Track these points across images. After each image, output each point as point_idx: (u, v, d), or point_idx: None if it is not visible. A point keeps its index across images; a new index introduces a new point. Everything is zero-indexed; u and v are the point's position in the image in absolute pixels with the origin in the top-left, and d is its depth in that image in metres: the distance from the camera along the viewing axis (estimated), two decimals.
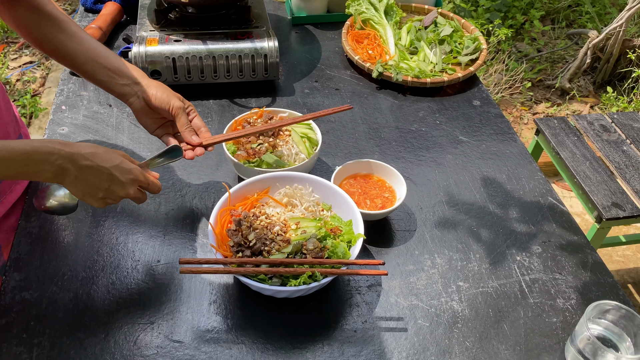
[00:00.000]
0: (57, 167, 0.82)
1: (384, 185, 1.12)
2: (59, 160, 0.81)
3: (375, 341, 0.90)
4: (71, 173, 0.83)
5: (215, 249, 0.89)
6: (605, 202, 1.72)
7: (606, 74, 3.10)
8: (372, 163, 1.12)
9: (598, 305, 0.87)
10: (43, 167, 0.81)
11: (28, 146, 0.80)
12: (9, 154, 0.78)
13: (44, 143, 0.82)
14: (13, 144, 0.80)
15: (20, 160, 0.79)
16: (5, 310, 0.89)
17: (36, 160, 0.80)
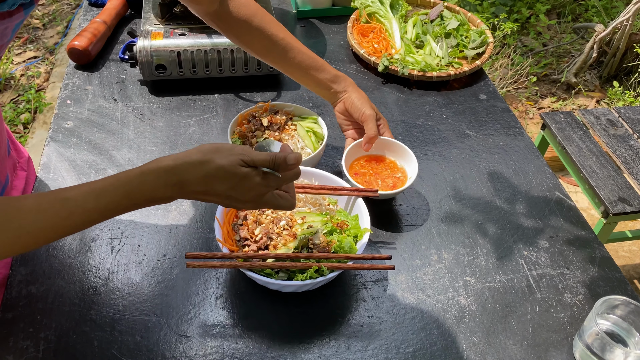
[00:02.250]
0: (170, 197, 0.70)
1: (395, 166, 1.12)
2: (168, 193, 0.69)
3: (382, 336, 0.90)
4: (190, 196, 0.72)
5: (221, 244, 0.89)
6: (612, 197, 1.71)
7: (612, 68, 3.08)
8: (383, 141, 1.12)
9: (607, 300, 0.86)
10: (157, 196, 0.69)
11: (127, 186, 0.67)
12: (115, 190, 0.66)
13: (142, 178, 0.68)
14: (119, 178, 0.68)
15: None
16: (12, 305, 0.89)
17: (147, 196, 0.68)
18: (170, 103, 1.31)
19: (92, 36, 1.38)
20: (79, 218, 0.65)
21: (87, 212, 0.65)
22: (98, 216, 0.66)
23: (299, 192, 0.97)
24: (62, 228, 0.65)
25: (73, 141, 1.18)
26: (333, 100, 1.12)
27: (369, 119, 1.08)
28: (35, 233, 0.63)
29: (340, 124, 1.15)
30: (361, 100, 1.09)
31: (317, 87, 1.11)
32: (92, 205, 0.65)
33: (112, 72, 1.38)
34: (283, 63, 1.09)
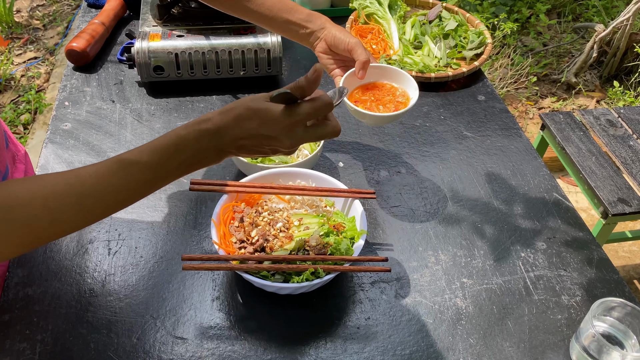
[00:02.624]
0: (214, 157, 0.70)
1: (395, 91, 1.08)
2: (211, 143, 0.68)
3: (379, 338, 0.90)
4: (229, 151, 0.71)
5: (217, 246, 0.89)
6: (611, 197, 1.71)
7: (613, 68, 3.08)
8: (377, 68, 1.07)
9: (603, 303, 0.86)
10: (199, 159, 0.69)
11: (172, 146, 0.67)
12: (164, 153, 0.66)
13: (178, 140, 0.68)
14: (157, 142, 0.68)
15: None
16: (9, 307, 0.89)
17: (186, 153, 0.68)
18: (168, 104, 1.31)
19: (90, 37, 1.38)
20: (135, 177, 0.65)
21: (142, 170, 0.65)
22: (152, 175, 0.66)
23: (294, 193, 0.97)
24: (121, 192, 0.65)
25: (71, 143, 1.19)
26: (312, 40, 1.06)
27: (357, 46, 1.01)
28: (98, 197, 0.64)
29: (325, 65, 1.08)
30: (343, 32, 1.03)
31: (291, 30, 1.05)
32: (145, 159, 0.65)
33: (110, 73, 1.38)
34: (252, 12, 1.04)
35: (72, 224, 0.64)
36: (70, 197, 0.62)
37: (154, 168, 0.65)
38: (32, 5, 3.68)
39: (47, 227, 0.62)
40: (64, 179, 0.63)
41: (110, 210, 0.67)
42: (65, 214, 0.63)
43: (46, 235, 0.64)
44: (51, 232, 0.64)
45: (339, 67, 1.07)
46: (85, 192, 0.63)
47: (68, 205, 0.62)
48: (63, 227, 0.64)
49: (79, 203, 0.63)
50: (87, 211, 0.64)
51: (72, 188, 0.62)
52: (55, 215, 0.62)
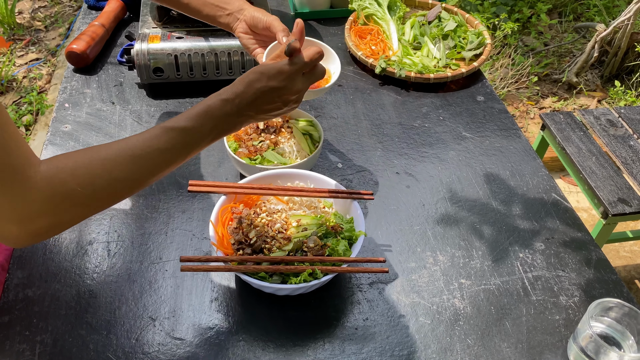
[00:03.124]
0: (237, 121, 0.79)
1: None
2: (234, 109, 0.78)
3: (377, 339, 0.90)
4: (249, 115, 0.80)
5: (216, 247, 0.89)
6: (611, 197, 1.71)
7: (614, 68, 3.07)
8: (306, 41, 1.08)
9: (601, 303, 0.86)
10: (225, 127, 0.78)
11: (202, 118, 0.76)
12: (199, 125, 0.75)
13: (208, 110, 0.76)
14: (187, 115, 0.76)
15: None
16: (8, 308, 0.90)
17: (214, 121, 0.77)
18: (168, 106, 1.31)
19: (90, 39, 1.39)
20: (176, 140, 0.72)
21: (181, 134, 0.73)
22: (190, 138, 0.74)
23: (293, 194, 0.97)
24: (166, 153, 0.72)
25: (71, 144, 1.19)
26: (232, 22, 1.08)
27: (275, 21, 1.04)
28: (148, 158, 0.71)
29: (246, 45, 1.10)
30: (260, 12, 1.06)
31: (210, 14, 1.07)
32: (182, 125, 0.73)
33: (110, 75, 1.39)
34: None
35: (128, 183, 0.71)
36: (124, 158, 0.69)
37: (190, 132, 0.73)
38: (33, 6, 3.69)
39: (106, 186, 0.68)
40: (116, 144, 0.70)
41: (159, 170, 0.73)
42: (123, 173, 0.69)
43: (106, 194, 0.69)
44: (110, 190, 0.69)
45: (260, 46, 1.11)
46: (136, 153, 0.70)
47: (123, 164, 0.69)
48: (120, 186, 0.70)
49: (133, 162, 0.69)
50: (140, 171, 0.71)
51: (125, 151, 0.69)
52: (113, 173, 0.68)
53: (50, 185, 0.64)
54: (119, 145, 0.70)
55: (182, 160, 0.75)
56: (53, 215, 0.65)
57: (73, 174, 0.66)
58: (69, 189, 0.65)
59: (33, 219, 0.64)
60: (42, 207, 0.64)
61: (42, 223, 0.65)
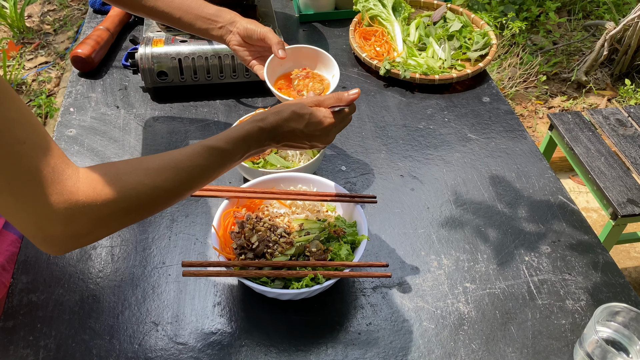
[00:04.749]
0: (267, 148, 0.84)
1: (318, 75, 1.16)
2: (265, 140, 0.82)
3: (380, 343, 0.89)
4: (276, 145, 0.85)
5: (218, 252, 0.89)
6: (620, 198, 1.69)
7: (624, 66, 3.03)
8: (298, 51, 1.15)
9: (607, 308, 0.85)
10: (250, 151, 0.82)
11: (241, 139, 0.80)
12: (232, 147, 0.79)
13: (248, 133, 0.80)
14: (226, 136, 0.79)
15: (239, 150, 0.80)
16: (13, 313, 0.90)
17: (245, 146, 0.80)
18: (172, 109, 1.31)
19: (95, 44, 1.39)
20: (215, 159, 0.76)
21: (220, 154, 0.76)
22: (227, 159, 0.78)
23: (295, 198, 0.97)
24: (206, 170, 0.76)
25: (75, 149, 1.20)
26: (225, 35, 1.10)
27: (268, 32, 1.08)
28: (189, 172, 0.73)
29: (242, 58, 1.13)
30: (253, 23, 1.08)
31: (202, 27, 1.09)
32: (223, 146, 0.77)
33: (115, 79, 1.39)
34: (161, 12, 1.07)
35: (169, 193, 0.72)
36: (168, 169, 0.71)
37: (228, 154, 0.77)
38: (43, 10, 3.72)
39: (149, 193, 0.69)
40: (160, 156, 0.73)
41: (196, 184, 0.76)
42: (166, 182, 0.71)
43: (148, 202, 0.70)
44: (152, 198, 0.70)
45: (255, 58, 1.13)
46: (179, 166, 0.72)
47: (166, 175, 0.71)
48: (162, 195, 0.71)
49: (176, 174, 0.72)
50: (181, 182, 0.73)
51: (169, 163, 0.72)
52: (157, 181, 0.69)
53: (92, 187, 0.64)
54: (162, 157, 0.73)
55: (215, 177, 0.78)
56: (94, 217, 0.64)
57: (117, 179, 0.66)
58: (112, 192, 0.65)
59: (75, 220, 0.63)
60: (83, 208, 0.63)
61: (84, 224, 0.64)
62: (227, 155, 0.77)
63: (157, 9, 1.07)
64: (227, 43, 1.11)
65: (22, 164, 0.59)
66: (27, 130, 0.60)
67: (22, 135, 0.59)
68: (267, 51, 1.12)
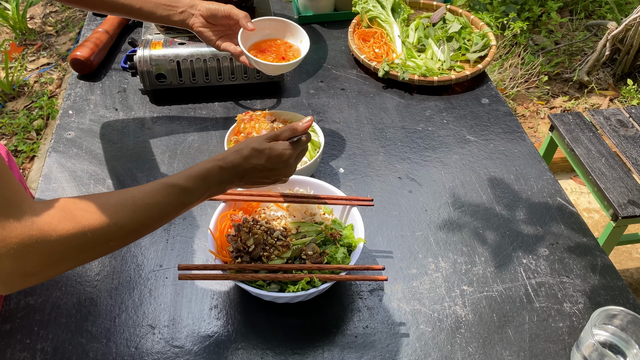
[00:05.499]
0: (230, 186, 0.83)
1: (288, 44, 1.18)
2: (227, 181, 0.82)
3: (377, 347, 0.89)
4: (238, 184, 0.85)
5: (214, 255, 0.89)
6: (621, 199, 1.68)
7: (626, 66, 3.02)
8: (269, 23, 1.17)
9: (604, 311, 0.84)
10: (216, 189, 0.81)
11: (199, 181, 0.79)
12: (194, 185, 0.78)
13: (207, 172, 0.79)
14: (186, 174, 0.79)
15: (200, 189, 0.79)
16: (10, 316, 0.91)
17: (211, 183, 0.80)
18: (171, 112, 1.31)
19: (94, 46, 1.40)
20: (174, 197, 0.75)
21: (179, 192, 0.75)
22: (186, 197, 0.77)
23: (292, 201, 0.97)
24: (164, 207, 0.74)
25: (74, 152, 1.20)
26: (187, 19, 1.10)
27: (232, 8, 1.08)
28: (148, 209, 0.72)
29: (207, 39, 1.12)
30: (212, 3, 1.09)
31: (163, 15, 1.09)
32: (182, 184, 0.76)
33: (114, 81, 1.39)
34: (122, 5, 1.07)
35: (125, 231, 0.70)
36: (125, 206, 0.70)
37: (187, 192, 0.76)
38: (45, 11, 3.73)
39: (105, 231, 0.67)
40: (117, 193, 0.72)
41: (154, 222, 0.74)
42: (122, 219, 0.69)
43: (103, 240, 0.68)
44: (108, 234, 0.68)
45: (220, 37, 1.13)
46: (137, 203, 0.71)
47: (123, 212, 0.69)
48: (118, 233, 0.69)
49: (133, 211, 0.70)
50: (138, 220, 0.71)
51: (126, 200, 0.71)
52: (113, 219, 0.68)
53: (48, 222, 0.62)
54: (120, 194, 0.71)
55: (174, 216, 0.77)
56: (47, 254, 0.62)
57: (73, 214, 0.64)
58: (68, 227, 0.63)
59: (26, 257, 0.60)
60: (37, 244, 0.60)
61: (35, 262, 0.61)
62: (185, 193, 0.75)
63: (117, 2, 1.06)
64: (190, 26, 1.10)
65: None
66: None
67: None
68: (231, 29, 1.13)
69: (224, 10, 1.09)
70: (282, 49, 1.17)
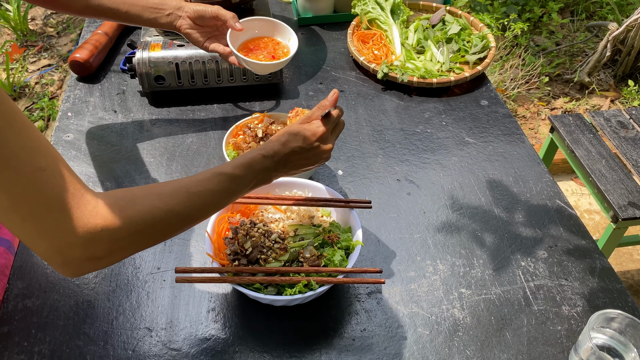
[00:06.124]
0: (275, 174, 0.86)
1: (278, 42, 1.19)
2: (271, 169, 0.84)
3: (374, 350, 0.89)
4: (283, 171, 0.87)
5: (212, 258, 0.89)
6: (621, 201, 1.68)
7: (627, 67, 3.02)
8: (256, 24, 1.18)
9: (602, 314, 0.84)
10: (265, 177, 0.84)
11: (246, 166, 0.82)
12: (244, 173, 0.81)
13: (252, 161, 0.82)
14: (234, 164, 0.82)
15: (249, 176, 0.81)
16: (8, 318, 0.91)
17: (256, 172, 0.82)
18: (170, 114, 1.31)
19: (94, 48, 1.40)
20: (224, 185, 0.77)
21: (229, 180, 0.78)
22: (235, 185, 0.79)
23: (290, 204, 0.97)
24: (217, 194, 0.77)
25: (73, 154, 1.20)
26: (174, 21, 1.10)
27: (219, 9, 1.09)
28: (201, 197, 0.75)
29: (195, 40, 1.13)
30: (199, 5, 1.09)
31: (150, 18, 1.09)
32: (230, 172, 0.78)
33: (113, 83, 1.39)
34: (108, 9, 1.07)
35: (182, 217, 0.73)
36: (181, 194, 0.73)
37: (235, 179, 0.79)
38: (46, 13, 3.74)
39: (164, 217, 0.70)
40: (171, 183, 0.75)
41: (208, 209, 0.77)
42: (179, 206, 0.72)
43: (163, 226, 0.71)
44: (167, 222, 0.71)
45: (207, 39, 1.14)
46: (191, 191, 0.74)
47: (179, 199, 0.72)
48: (176, 220, 0.72)
49: (188, 198, 0.73)
50: (193, 207, 0.74)
51: (181, 188, 0.74)
52: (170, 205, 0.71)
53: (110, 211, 0.65)
54: (174, 183, 0.75)
55: (226, 204, 0.81)
56: (112, 240, 0.65)
57: (133, 202, 0.68)
58: (129, 215, 0.67)
59: (94, 244, 0.64)
60: (102, 231, 0.64)
61: (103, 248, 0.65)
62: (234, 181, 0.78)
63: (104, 7, 1.07)
64: (177, 28, 1.11)
65: (44, 192, 0.61)
66: (46, 158, 0.61)
67: (42, 163, 0.61)
68: (218, 30, 1.14)
69: (211, 12, 1.09)
70: (271, 47, 1.18)
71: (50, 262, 0.65)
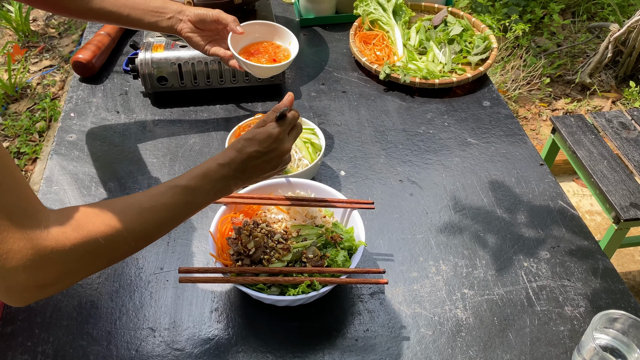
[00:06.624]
0: (234, 183, 0.83)
1: (279, 46, 1.20)
2: (230, 179, 0.81)
3: (377, 350, 0.89)
4: (242, 179, 0.84)
5: (215, 258, 0.89)
6: (623, 202, 1.68)
7: (629, 68, 3.02)
8: (257, 27, 1.19)
9: (605, 315, 0.84)
10: (226, 187, 0.82)
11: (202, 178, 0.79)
12: (200, 183, 0.78)
13: (209, 171, 0.80)
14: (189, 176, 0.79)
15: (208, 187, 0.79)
16: (11, 318, 0.91)
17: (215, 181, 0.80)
18: (172, 114, 1.32)
19: (96, 49, 1.40)
20: (179, 197, 0.75)
21: (184, 192, 0.76)
22: (191, 196, 0.77)
23: (292, 204, 0.97)
24: (171, 209, 0.75)
25: (75, 154, 1.20)
26: (175, 25, 1.10)
27: (220, 13, 1.09)
28: (155, 212, 0.73)
29: (196, 44, 1.13)
30: (200, 9, 1.10)
31: (151, 21, 1.09)
32: (185, 183, 0.76)
33: (116, 84, 1.40)
34: (109, 12, 1.06)
35: (136, 235, 0.70)
36: (133, 210, 0.70)
37: (191, 191, 0.76)
38: (47, 14, 3.74)
39: (117, 235, 0.67)
40: (122, 199, 0.72)
41: (164, 224, 0.75)
42: (131, 223, 0.69)
43: (115, 245, 0.68)
44: (119, 239, 0.68)
45: (208, 42, 1.14)
46: (143, 207, 0.71)
47: (131, 216, 0.70)
48: (129, 237, 0.69)
49: (140, 215, 0.71)
50: (147, 223, 0.72)
51: (133, 205, 0.71)
52: (122, 222, 0.68)
53: (62, 231, 0.62)
54: (127, 199, 0.72)
55: (184, 217, 0.78)
56: (62, 263, 0.62)
57: (83, 222, 0.65)
58: (81, 235, 0.64)
59: (42, 268, 0.60)
60: (52, 254, 0.61)
61: (51, 272, 0.61)
62: (189, 192, 0.76)
63: (105, 10, 1.06)
64: (178, 32, 1.11)
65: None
66: (2, 173, 0.59)
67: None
68: (219, 34, 1.14)
69: (212, 15, 1.09)
70: (271, 51, 1.18)
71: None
